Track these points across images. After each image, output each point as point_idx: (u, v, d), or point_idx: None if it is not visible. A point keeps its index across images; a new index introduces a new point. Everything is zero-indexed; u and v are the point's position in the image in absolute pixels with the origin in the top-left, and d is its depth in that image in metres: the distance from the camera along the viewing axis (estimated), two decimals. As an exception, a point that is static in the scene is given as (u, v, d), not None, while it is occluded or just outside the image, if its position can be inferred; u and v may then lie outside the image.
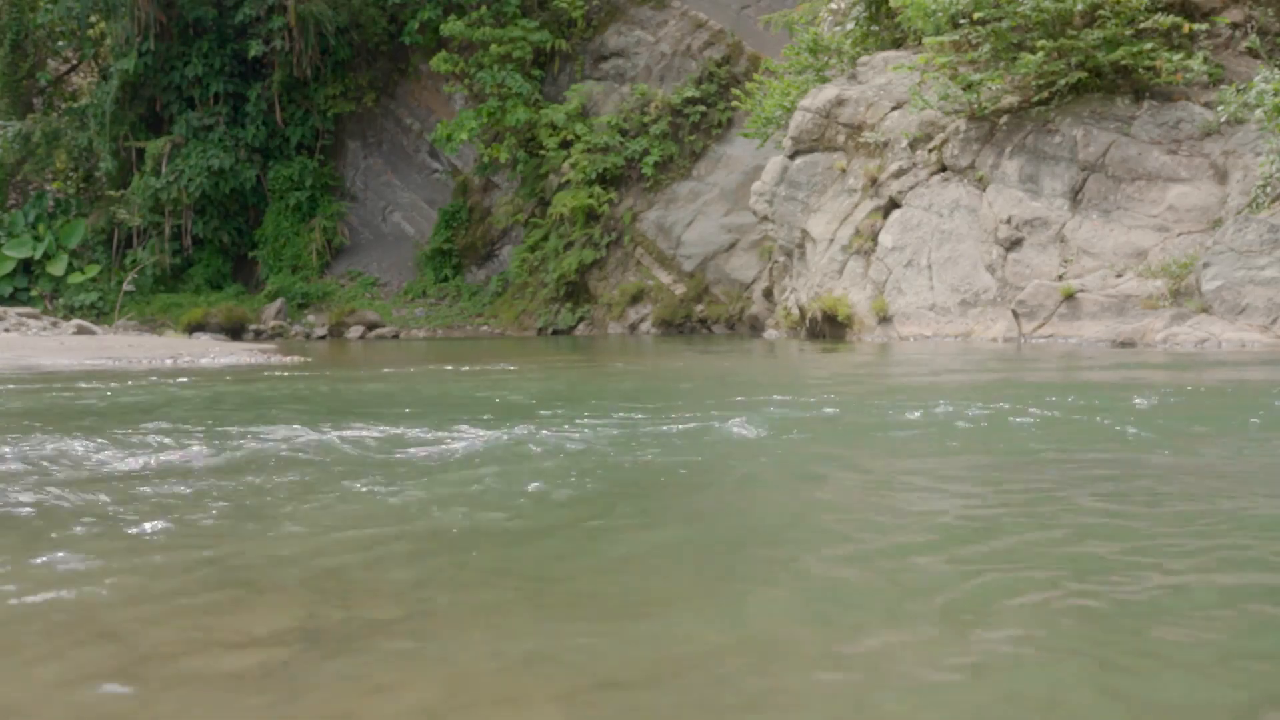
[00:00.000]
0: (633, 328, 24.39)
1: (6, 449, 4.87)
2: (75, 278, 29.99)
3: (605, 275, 25.37)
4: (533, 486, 3.93)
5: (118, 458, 4.65)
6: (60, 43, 32.98)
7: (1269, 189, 12.65)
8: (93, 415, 6.61)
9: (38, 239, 30.52)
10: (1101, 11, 14.17)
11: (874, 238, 16.23)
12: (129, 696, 2.06)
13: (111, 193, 30.34)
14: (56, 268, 30.12)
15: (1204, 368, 9.34)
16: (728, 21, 26.11)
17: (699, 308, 24.17)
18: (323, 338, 25.94)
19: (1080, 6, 14.05)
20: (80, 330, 19.74)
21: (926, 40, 15.76)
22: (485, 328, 26.43)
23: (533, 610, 2.55)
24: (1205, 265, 12.45)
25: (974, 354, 11.98)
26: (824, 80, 18.82)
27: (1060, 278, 13.84)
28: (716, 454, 4.78)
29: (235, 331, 25.45)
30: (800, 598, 2.65)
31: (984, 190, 15.22)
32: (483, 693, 2.07)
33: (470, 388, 8.76)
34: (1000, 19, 14.52)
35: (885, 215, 16.26)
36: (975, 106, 15.37)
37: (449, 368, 11.82)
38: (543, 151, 26.27)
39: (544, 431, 5.21)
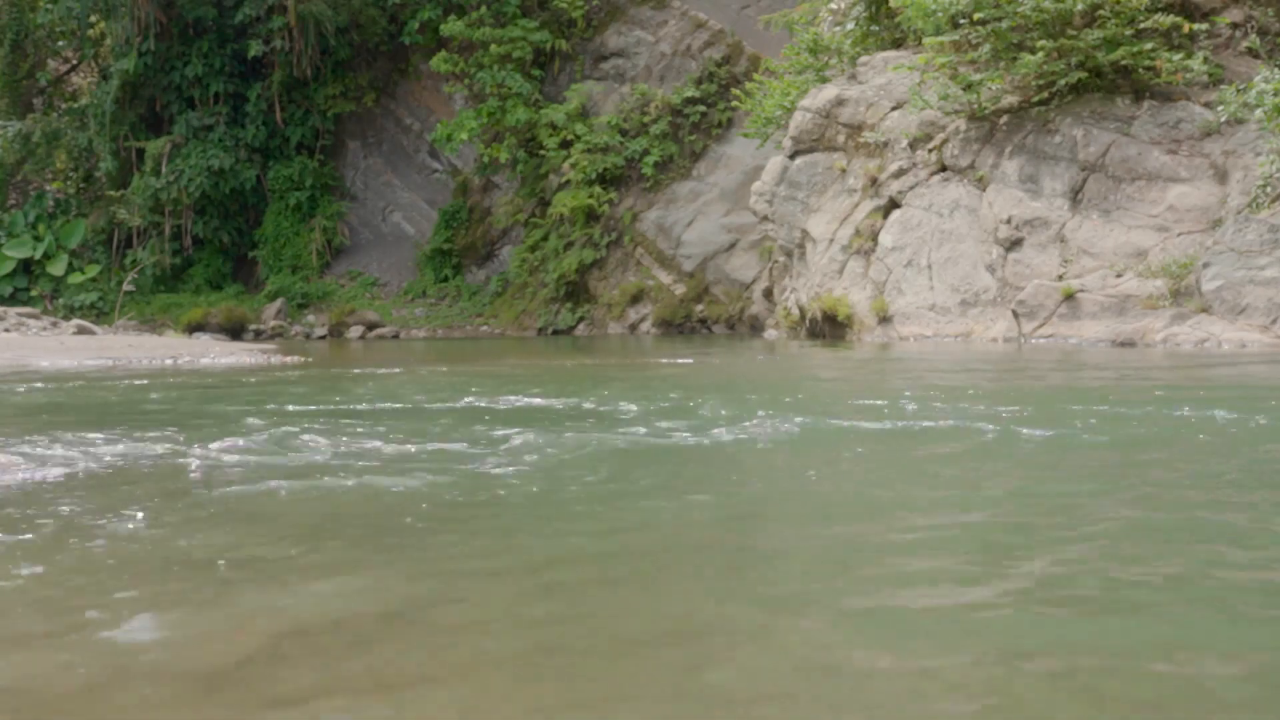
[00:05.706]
0: (633, 328, 24.37)
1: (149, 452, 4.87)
2: (75, 278, 29.96)
3: (605, 275, 25.34)
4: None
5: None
6: (60, 43, 32.93)
7: (1269, 189, 12.65)
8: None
9: (38, 239, 30.48)
10: (1101, 11, 14.16)
11: (874, 238, 16.22)
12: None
13: (111, 193, 30.29)
14: (56, 268, 30.08)
15: None
16: (728, 21, 26.09)
17: (699, 308, 24.15)
18: (323, 338, 25.93)
19: (1080, 6, 14.04)
20: (80, 330, 19.73)
21: (926, 40, 15.75)
22: (485, 328, 26.41)
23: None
24: (1205, 265, 12.45)
25: (1052, 357, 11.93)
26: (824, 80, 18.80)
27: (1060, 278, 13.83)
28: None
29: (235, 331, 25.44)
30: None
31: (984, 190, 15.21)
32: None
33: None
34: (1000, 19, 14.51)
35: (885, 215, 16.25)
36: (975, 106, 15.36)
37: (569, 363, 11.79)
38: (543, 151, 26.24)
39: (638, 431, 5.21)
